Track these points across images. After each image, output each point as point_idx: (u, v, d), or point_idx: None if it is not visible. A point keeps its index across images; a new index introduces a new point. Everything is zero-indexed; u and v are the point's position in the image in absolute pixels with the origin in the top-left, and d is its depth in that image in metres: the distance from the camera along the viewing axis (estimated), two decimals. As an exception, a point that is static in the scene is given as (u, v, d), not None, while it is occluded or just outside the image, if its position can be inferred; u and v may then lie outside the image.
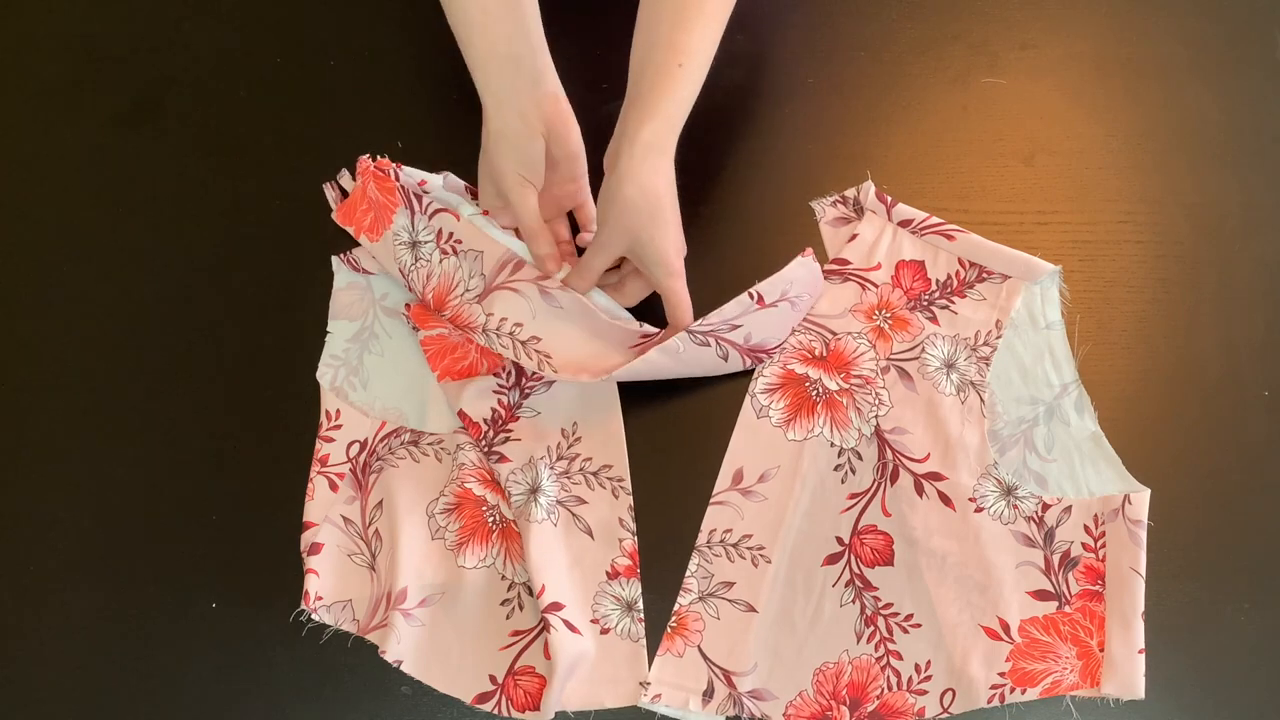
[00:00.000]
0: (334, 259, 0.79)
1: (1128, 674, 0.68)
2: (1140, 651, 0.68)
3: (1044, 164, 0.80)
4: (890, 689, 0.70)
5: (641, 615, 0.73)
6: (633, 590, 0.73)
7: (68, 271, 0.81)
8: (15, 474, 0.77)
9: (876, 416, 0.75)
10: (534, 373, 0.75)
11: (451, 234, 0.75)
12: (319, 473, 0.75)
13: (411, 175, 0.77)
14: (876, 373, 0.76)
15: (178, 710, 0.72)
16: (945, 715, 0.70)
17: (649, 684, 0.71)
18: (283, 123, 0.83)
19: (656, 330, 0.74)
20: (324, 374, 0.77)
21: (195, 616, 0.73)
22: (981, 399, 0.74)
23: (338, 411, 0.76)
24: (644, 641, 0.72)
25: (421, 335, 0.77)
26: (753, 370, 0.77)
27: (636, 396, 0.76)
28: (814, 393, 0.76)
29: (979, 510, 0.72)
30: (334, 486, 0.75)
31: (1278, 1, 0.83)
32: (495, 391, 0.76)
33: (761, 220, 0.80)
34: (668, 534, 0.74)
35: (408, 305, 0.78)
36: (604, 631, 0.72)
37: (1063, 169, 0.80)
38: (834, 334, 0.77)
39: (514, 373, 0.76)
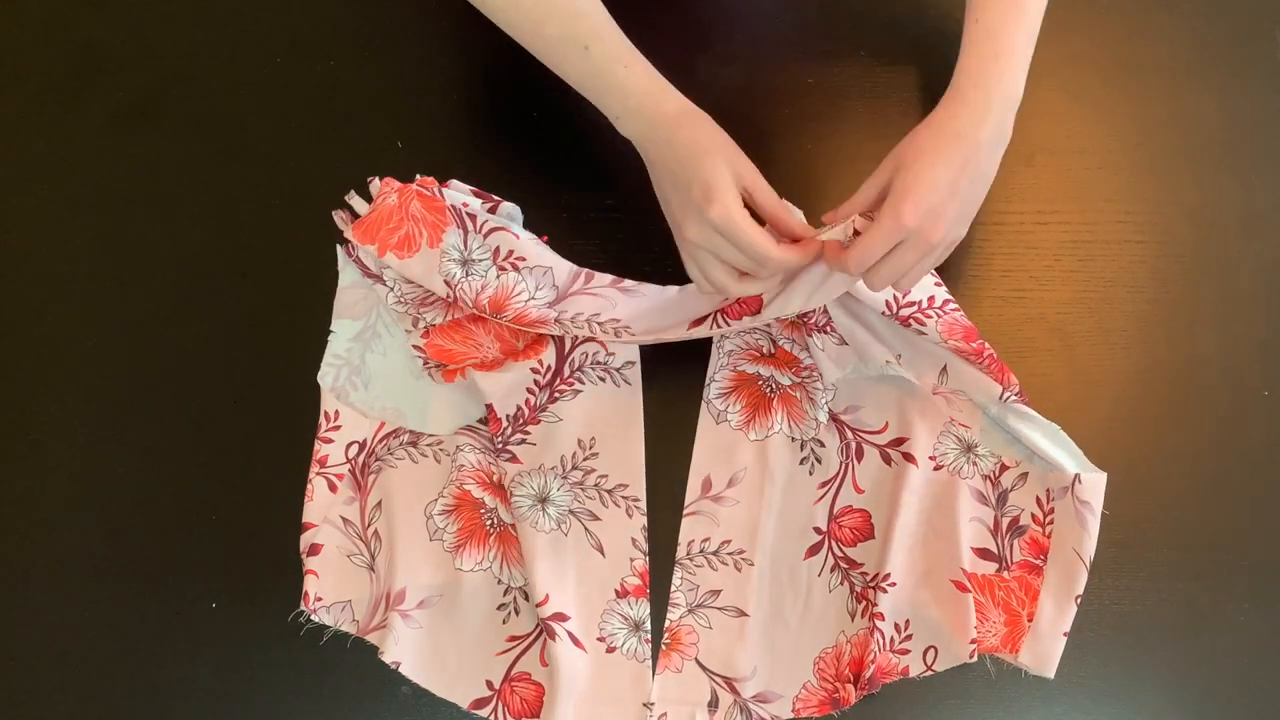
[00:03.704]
0: (339, 250, 0.78)
1: (1047, 649, 0.69)
2: (1064, 634, 0.69)
3: (1044, 164, 0.80)
4: (880, 649, 0.70)
5: (649, 635, 0.73)
6: (641, 610, 0.73)
7: (67, 271, 0.81)
8: (16, 474, 0.77)
9: (827, 402, 0.75)
10: (601, 338, 0.74)
11: (511, 251, 0.74)
12: (318, 474, 0.75)
13: (455, 195, 0.75)
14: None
15: (178, 710, 0.73)
16: (930, 673, 0.70)
17: (653, 704, 0.71)
18: (283, 122, 0.83)
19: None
20: (326, 374, 0.77)
21: (195, 616, 0.74)
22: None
23: (336, 413, 0.76)
24: (649, 662, 0.72)
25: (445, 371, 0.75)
26: (705, 375, 0.76)
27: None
28: (768, 390, 0.76)
29: (938, 468, 0.73)
30: (333, 487, 0.75)
31: (1278, 1, 0.83)
32: (528, 390, 0.75)
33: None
34: (657, 551, 0.74)
35: (419, 347, 0.76)
36: (609, 650, 0.72)
37: (1063, 169, 0.80)
38: (777, 336, 0.76)
39: (551, 369, 0.75)
